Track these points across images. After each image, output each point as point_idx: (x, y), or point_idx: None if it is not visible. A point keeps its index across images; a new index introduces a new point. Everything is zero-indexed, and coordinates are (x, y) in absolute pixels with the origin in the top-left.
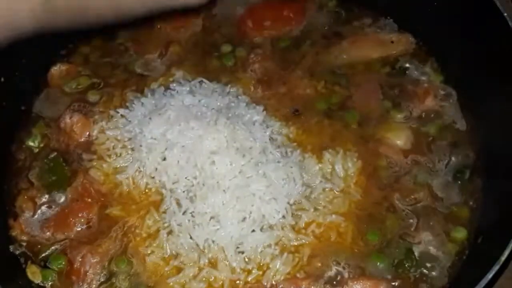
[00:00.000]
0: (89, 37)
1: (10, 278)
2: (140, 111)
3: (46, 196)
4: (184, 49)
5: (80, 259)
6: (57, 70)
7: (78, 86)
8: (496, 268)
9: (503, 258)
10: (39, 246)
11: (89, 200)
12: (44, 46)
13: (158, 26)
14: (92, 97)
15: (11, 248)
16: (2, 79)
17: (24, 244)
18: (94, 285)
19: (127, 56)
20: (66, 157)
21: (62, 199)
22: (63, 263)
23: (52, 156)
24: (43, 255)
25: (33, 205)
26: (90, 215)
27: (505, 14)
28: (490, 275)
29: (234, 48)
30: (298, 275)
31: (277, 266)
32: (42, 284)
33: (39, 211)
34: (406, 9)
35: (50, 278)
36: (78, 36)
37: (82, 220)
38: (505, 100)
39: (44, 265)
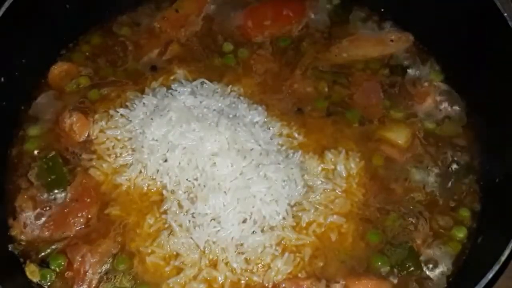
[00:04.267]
0: (89, 36)
1: (9, 277)
2: (141, 111)
3: (46, 195)
4: (184, 49)
5: (79, 259)
6: (57, 69)
7: (78, 85)
8: (496, 268)
9: (503, 258)
10: (38, 246)
11: (89, 200)
12: (44, 46)
13: (158, 26)
14: (92, 96)
15: (10, 247)
16: (2, 79)
17: (24, 243)
18: (93, 285)
19: (127, 56)
20: (66, 156)
21: (62, 199)
22: (63, 262)
23: (51, 155)
24: (42, 254)
25: (33, 204)
26: (89, 215)
27: (505, 14)
28: (490, 275)
29: (236, 48)
30: (299, 275)
31: (278, 266)
32: (41, 283)
33: (38, 211)
34: (406, 9)
35: (49, 278)
36: (78, 36)
37: (82, 220)
38: (505, 100)
39: (43, 264)
